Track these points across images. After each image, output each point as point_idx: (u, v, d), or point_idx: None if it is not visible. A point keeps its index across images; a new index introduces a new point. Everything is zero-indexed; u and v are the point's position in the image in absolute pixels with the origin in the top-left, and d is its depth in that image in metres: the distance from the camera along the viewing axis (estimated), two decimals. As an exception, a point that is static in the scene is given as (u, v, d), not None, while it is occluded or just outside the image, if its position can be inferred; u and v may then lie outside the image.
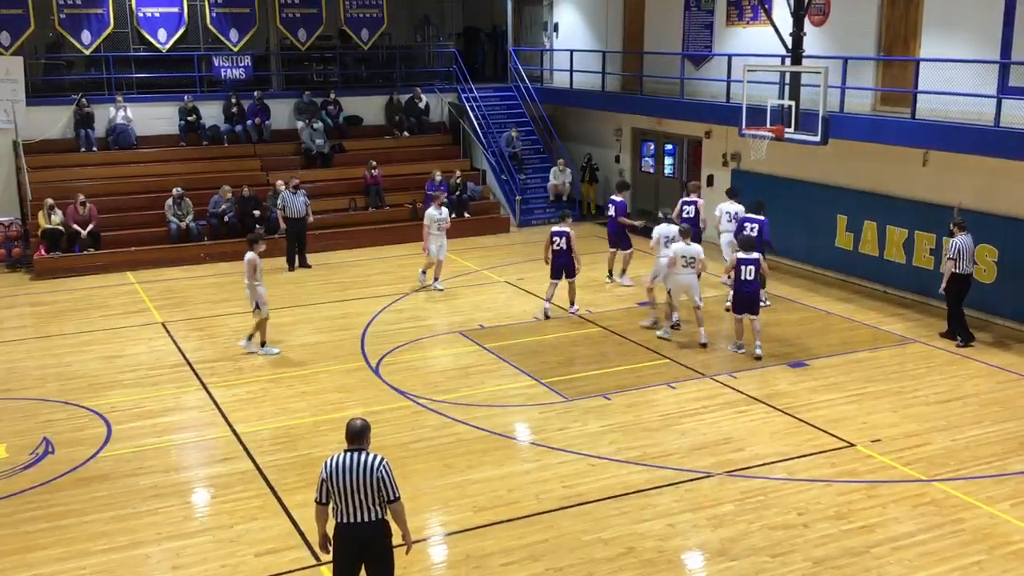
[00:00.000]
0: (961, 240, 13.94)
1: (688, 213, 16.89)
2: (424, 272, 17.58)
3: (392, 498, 6.96)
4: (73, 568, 8.49)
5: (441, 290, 17.30)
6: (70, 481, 10.14)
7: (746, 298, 13.71)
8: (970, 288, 14.15)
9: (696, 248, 14.21)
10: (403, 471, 10.25)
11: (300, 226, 19.26)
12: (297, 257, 19.36)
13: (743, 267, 13.55)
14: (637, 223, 18.04)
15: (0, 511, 9.50)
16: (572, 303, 15.84)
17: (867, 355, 13.87)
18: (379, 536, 7.05)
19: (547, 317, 15.57)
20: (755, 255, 13.62)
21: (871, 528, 9.01)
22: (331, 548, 7.17)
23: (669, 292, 14.61)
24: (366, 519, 6.94)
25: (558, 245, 15.47)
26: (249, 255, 13.77)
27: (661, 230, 15.23)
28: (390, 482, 6.93)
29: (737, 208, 16.32)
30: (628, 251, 17.63)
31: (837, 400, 12.18)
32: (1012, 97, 14.02)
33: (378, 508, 6.96)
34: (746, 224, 15.48)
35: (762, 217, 15.44)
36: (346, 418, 11.61)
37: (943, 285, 14.16)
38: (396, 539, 7.20)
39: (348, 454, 6.95)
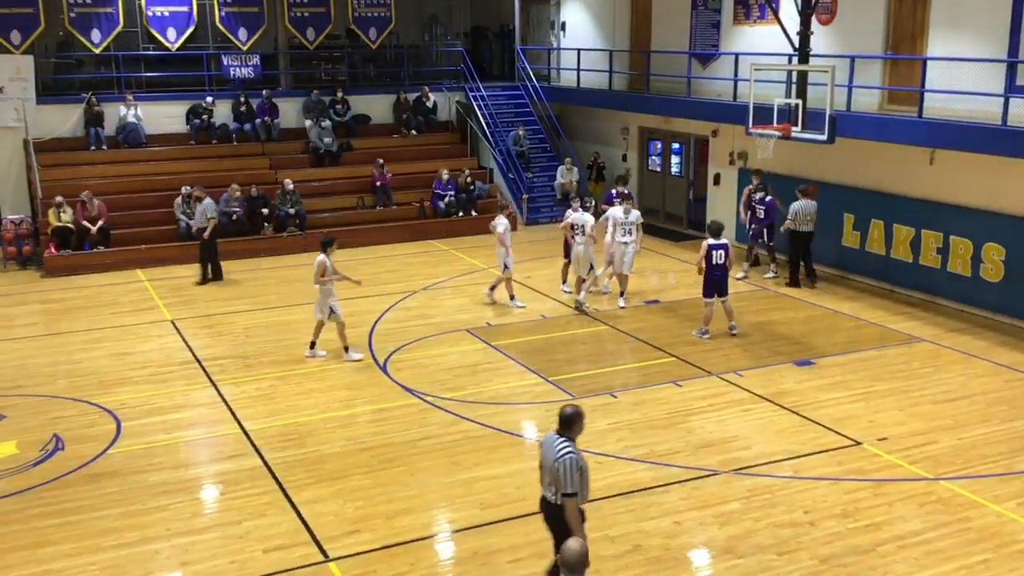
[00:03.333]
0: (800, 204, 16.85)
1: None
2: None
3: (566, 491, 6.98)
4: (83, 564, 8.56)
5: (522, 307, 16.30)
6: (80, 477, 10.20)
7: (715, 282, 14.36)
8: (811, 242, 17.10)
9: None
10: (410, 468, 10.33)
11: (204, 236, 18.11)
12: (210, 269, 18.28)
13: (713, 252, 14.22)
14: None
15: (11, 507, 9.57)
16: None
17: (874, 354, 13.88)
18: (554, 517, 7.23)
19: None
20: (724, 240, 14.38)
21: (877, 526, 9.02)
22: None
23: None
24: (549, 498, 7.21)
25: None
26: (320, 257, 13.59)
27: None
28: (567, 475, 6.93)
29: None
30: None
31: (843, 398, 12.19)
32: (1019, 96, 14.00)
33: (557, 494, 7.08)
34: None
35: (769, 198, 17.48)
36: (354, 415, 11.84)
37: (783, 227, 17.14)
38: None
39: (553, 433, 7.17)
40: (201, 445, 11.20)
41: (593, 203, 16.85)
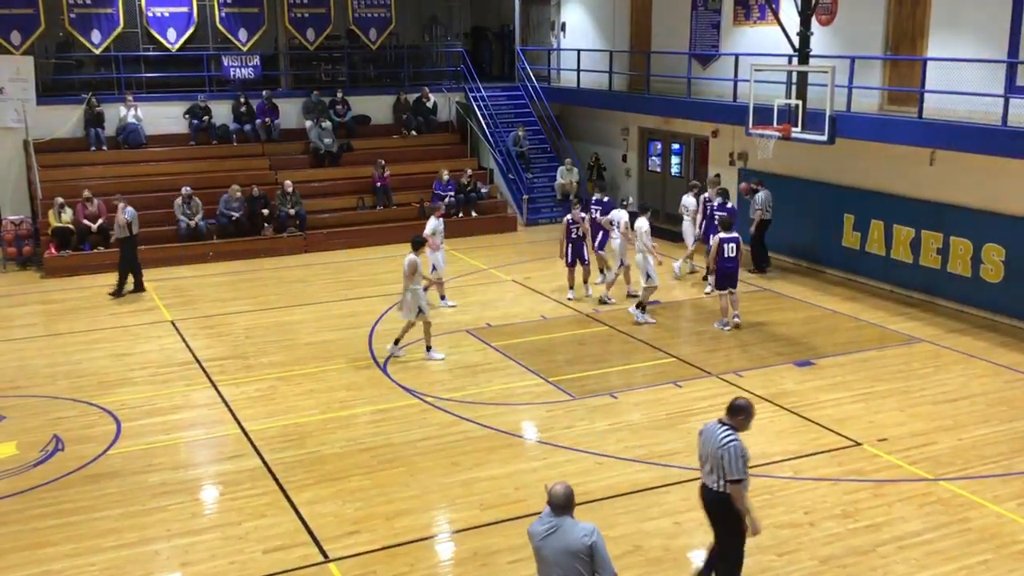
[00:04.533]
0: (764, 194, 17.91)
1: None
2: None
3: (730, 478, 7.28)
4: (83, 564, 8.56)
5: (453, 306, 16.50)
6: (80, 478, 10.21)
7: (728, 274, 14.75)
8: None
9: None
10: (410, 469, 10.33)
11: (123, 246, 17.34)
12: (132, 279, 17.55)
13: (725, 245, 14.67)
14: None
15: (11, 508, 9.58)
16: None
17: (874, 354, 13.88)
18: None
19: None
20: (735, 234, 14.84)
21: (877, 527, 9.02)
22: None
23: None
24: (709, 486, 7.44)
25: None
26: (411, 257, 13.43)
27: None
28: (732, 462, 7.25)
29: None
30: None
31: (843, 399, 12.19)
32: (1019, 96, 14.01)
33: (719, 481, 7.32)
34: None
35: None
36: (354, 416, 11.84)
37: (752, 230, 18.01)
38: None
39: (715, 423, 7.56)
40: (201, 446, 11.20)
41: (630, 199, 17.39)
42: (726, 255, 14.70)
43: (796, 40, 15.71)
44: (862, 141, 16.39)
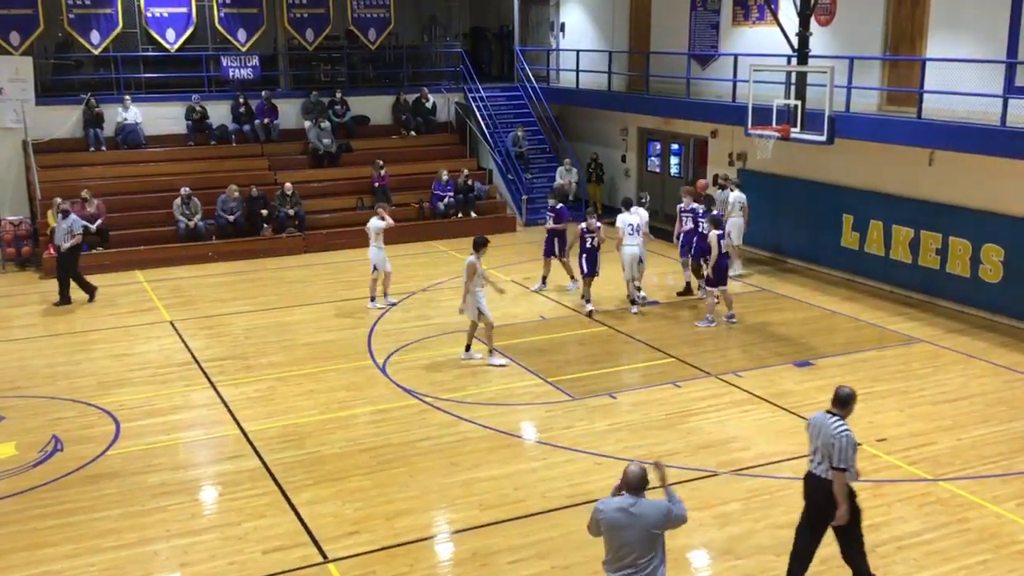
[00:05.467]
0: (735, 195, 17.79)
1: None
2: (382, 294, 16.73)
3: (835, 465, 7.46)
4: (82, 565, 8.55)
5: (395, 303, 16.59)
6: (79, 478, 10.20)
7: (725, 269, 15.19)
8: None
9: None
10: (410, 469, 10.33)
11: (64, 255, 16.88)
12: (73, 285, 17.05)
13: (722, 242, 14.93)
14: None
15: (10, 508, 9.57)
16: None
17: (873, 354, 13.89)
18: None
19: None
20: (723, 230, 15.30)
21: (877, 527, 9.01)
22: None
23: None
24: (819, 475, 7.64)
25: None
26: (471, 258, 13.34)
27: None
28: (843, 450, 7.42)
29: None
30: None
31: (843, 399, 12.17)
32: (1018, 97, 14.01)
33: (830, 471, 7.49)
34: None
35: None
36: (354, 416, 11.85)
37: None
38: None
39: (825, 414, 7.73)
40: (200, 446, 11.20)
41: (647, 198, 17.70)
42: (724, 250, 14.98)
43: (795, 40, 15.72)
44: (861, 141, 16.39)
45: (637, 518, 6.29)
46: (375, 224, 16.33)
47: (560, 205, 17.76)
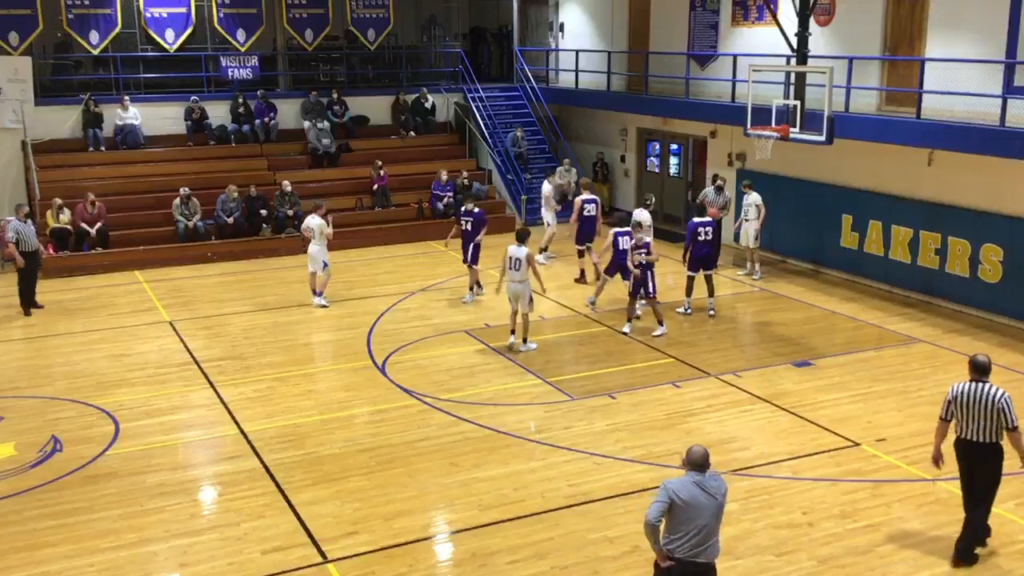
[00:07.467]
0: (722, 196, 18.08)
1: (589, 211, 17.89)
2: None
3: (1011, 427, 8.05)
4: (81, 565, 8.55)
5: (326, 306, 16.41)
6: (78, 479, 10.20)
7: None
8: None
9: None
10: (409, 469, 10.33)
11: (36, 260, 16.56)
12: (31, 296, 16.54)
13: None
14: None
15: (8, 508, 9.57)
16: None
17: (872, 354, 13.89)
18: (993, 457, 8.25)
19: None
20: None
21: (876, 527, 9.02)
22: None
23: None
24: (982, 440, 8.19)
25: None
26: (527, 250, 14.00)
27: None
28: (1009, 412, 8.05)
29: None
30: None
31: (842, 399, 12.19)
32: (1017, 97, 14.02)
33: (994, 434, 8.13)
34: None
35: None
36: (353, 416, 11.85)
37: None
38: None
39: (973, 384, 8.25)
40: (199, 446, 11.19)
41: (651, 199, 17.93)
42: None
43: (794, 40, 15.72)
44: (860, 141, 16.39)
45: (715, 490, 6.55)
46: (315, 222, 16.30)
47: (477, 209, 17.30)
